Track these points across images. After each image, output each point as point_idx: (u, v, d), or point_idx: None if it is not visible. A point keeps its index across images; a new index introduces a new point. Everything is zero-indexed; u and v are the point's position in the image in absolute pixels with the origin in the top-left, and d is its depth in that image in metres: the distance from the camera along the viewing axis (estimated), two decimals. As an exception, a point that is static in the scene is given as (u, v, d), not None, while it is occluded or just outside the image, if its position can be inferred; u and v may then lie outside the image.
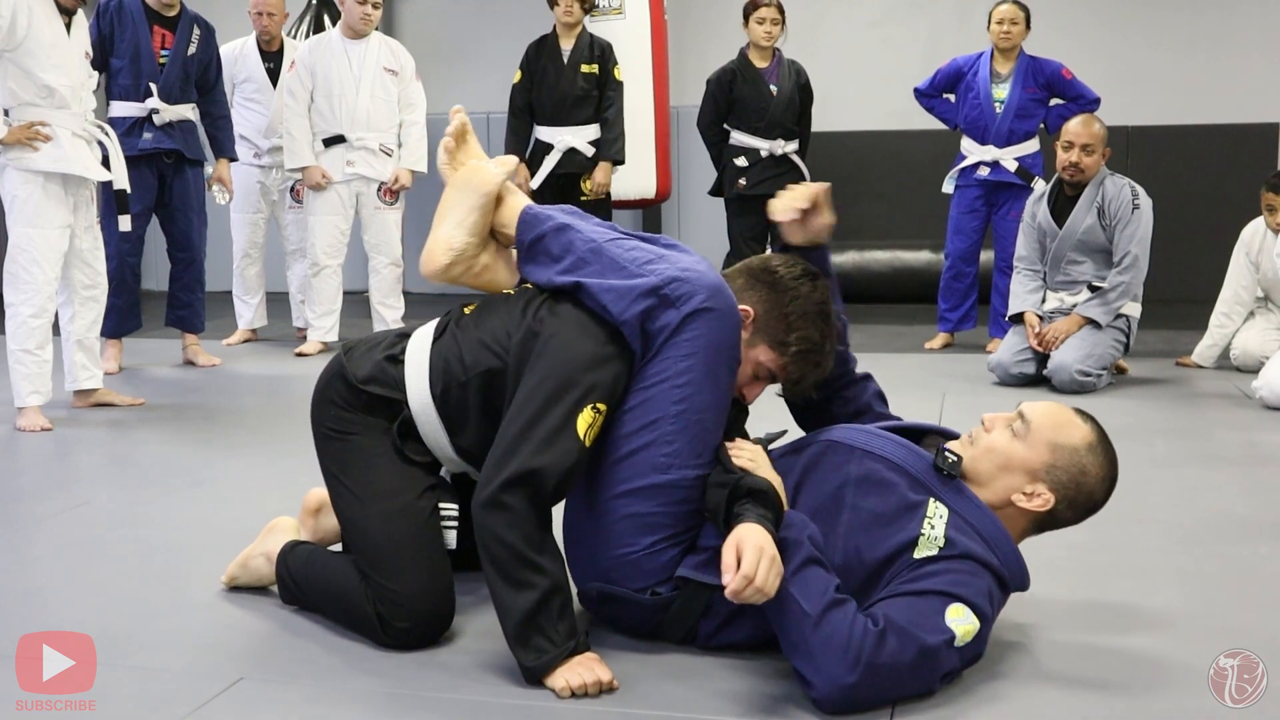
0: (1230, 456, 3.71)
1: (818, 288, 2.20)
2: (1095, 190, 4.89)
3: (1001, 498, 2.07)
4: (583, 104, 6.12)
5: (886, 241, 7.50)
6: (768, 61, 6.04)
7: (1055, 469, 2.06)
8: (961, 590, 1.94)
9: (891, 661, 1.86)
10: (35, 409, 4.18)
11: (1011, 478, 2.07)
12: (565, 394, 2.05)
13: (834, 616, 1.88)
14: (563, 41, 6.13)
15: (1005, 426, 2.11)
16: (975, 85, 5.71)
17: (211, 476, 3.55)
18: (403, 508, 2.21)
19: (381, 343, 2.35)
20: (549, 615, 2.00)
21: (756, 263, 2.26)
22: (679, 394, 2.07)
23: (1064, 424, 2.08)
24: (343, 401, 2.29)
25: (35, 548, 2.93)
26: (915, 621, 1.90)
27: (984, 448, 2.10)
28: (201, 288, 5.55)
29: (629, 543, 2.10)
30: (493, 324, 2.23)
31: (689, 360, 2.07)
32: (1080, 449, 2.06)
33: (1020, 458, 2.07)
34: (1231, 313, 5.18)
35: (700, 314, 2.07)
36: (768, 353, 2.19)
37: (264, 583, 2.48)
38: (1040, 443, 2.06)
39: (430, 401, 2.22)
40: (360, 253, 6.13)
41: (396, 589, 2.16)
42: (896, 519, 2.02)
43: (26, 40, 4.08)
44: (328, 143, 5.86)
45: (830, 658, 1.86)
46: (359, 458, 2.25)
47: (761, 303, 2.18)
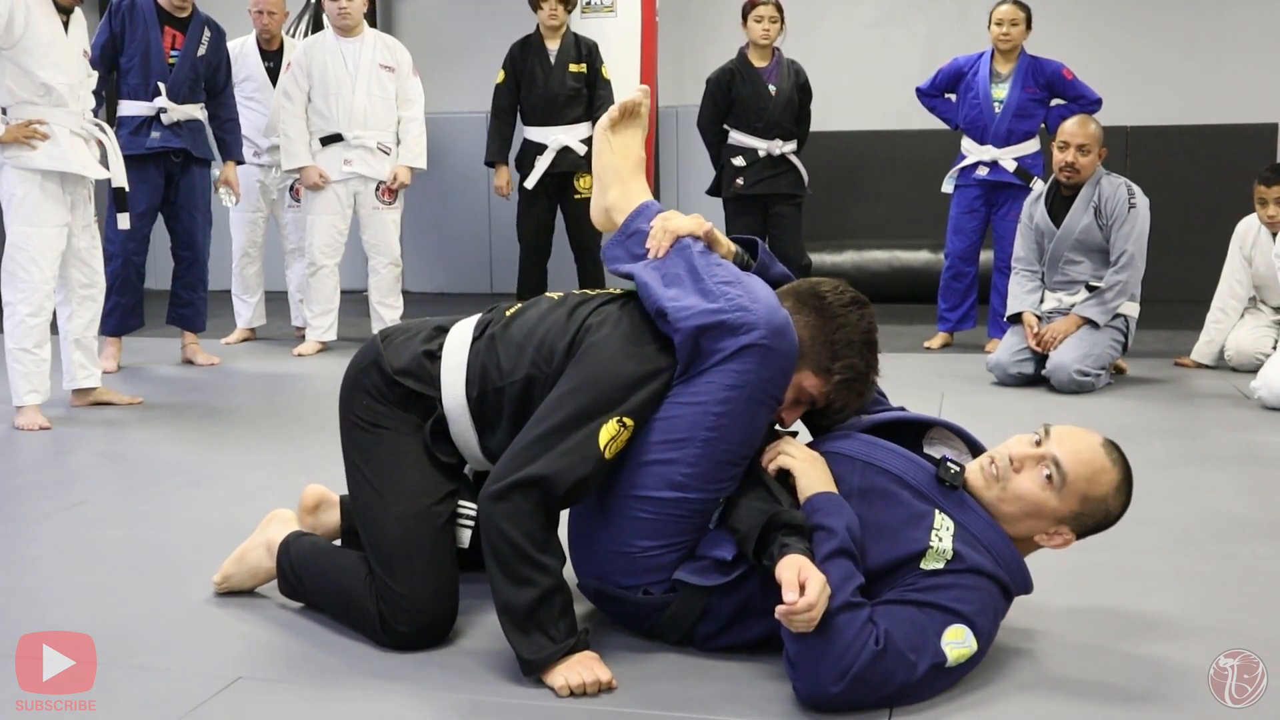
0: (1228, 457, 3.71)
1: (864, 316, 2.18)
2: (1092, 190, 4.89)
3: (1023, 534, 2.07)
4: (573, 103, 6.13)
5: (886, 241, 7.50)
6: (767, 61, 6.04)
7: (1083, 516, 2.05)
8: (965, 608, 1.94)
9: (878, 680, 1.87)
10: (33, 408, 4.18)
11: (1038, 522, 2.06)
12: (594, 406, 2.05)
13: (842, 620, 1.88)
14: (548, 42, 6.14)
15: (1035, 467, 2.04)
16: (975, 85, 5.70)
17: (210, 475, 3.55)
18: (421, 512, 2.20)
19: (420, 333, 2.33)
20: (549, 612, 2.01)
21: (805, 286, 2.23)
22: (713, 421, 2.05)
23: (1097, 473, 2.03)
24: (376, 392, 2.28)
25: (34, 547, 2.93)
26: (913, 643, 1.90)
27: (1013, 494, 2.04)
28: (204, 287, 5.55)
29: (628, 542, 2.11)
30: (537, 331, 2.22)
31: (732, 392, 2.05)
32: (1109, 497, 2.05)
33: (1051, 508, 2.04)
34: (1227, 308, 5.19)
35: (756, 349, 2.04)
36: (811, 379, 2.16)
37: (259, 579, 2.46)
38: (1073, 495, 2.03)
39: (465, 403, 2.22)
40: (359, 252, 6.12)
41: (403, 592, 2.16)
42: (902, 529, 2.02)
43: (24, 38, 4.07)
44: (325, 142, 5.85)
45: (823, 661, 1.86)
46: (385, 453, 2.25)
47: (808, 328, 2.15)
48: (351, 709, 1.98)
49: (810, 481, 2.08)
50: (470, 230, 8.34)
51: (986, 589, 1.99)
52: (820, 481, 2.07)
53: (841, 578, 1.92)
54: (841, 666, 1.85)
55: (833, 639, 1.86)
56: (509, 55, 6.21)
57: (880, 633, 1.89)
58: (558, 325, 2.20)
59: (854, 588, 1.92)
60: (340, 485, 2.38)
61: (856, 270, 7.32)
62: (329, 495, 2.60)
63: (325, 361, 5.51)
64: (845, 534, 1.97)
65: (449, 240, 8.34)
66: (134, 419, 4.37)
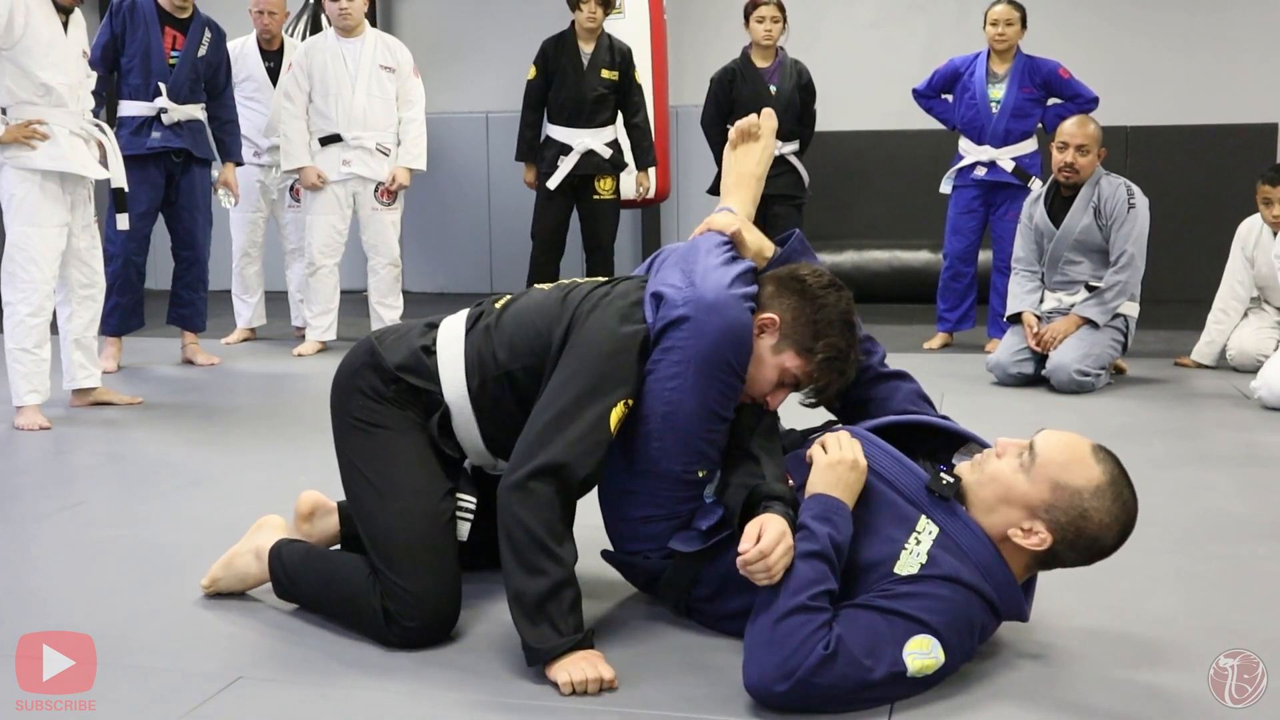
0: (1228, 457, 3.71)
1: (842, 297, 2.22)
2: (1091, 190, 4.89)
3: (999, 530, 2.00)
4: (601, 106, 6.11)
5: (885, 241, 7.50)
6: (769, 61, 6.04)
7: (1054, 509, 1.96)
8: (933, 619, 1.92)
9: (828, 684, 1.86)
10: (33, 408, 4.18)
11: (1010, 511, 1.99)
12: (599, 388, 2.11)
13: (795, 621, 1.88)
14: (583, 43, 6.11)
15: (1015, 455, 2.02)
16: (971, 85, 5.71)
17: (209, 476, 3.55)
18: (424, 509, 2.22)
19: (412, 330, 2.37)
20: (559, 605, 2.02)
21: (784, 272, 2.27)
22: (668, 395, 2.13)
23: (1072, 462, 1.97)
24: (373, 392, 2.30)
25: (34, 547, 2.93)
26: (871, 649, 1.88)
27: (988, 475, 2.03)
28: (204, 287, 5.55)
29: (625, 514, 2.25)
30: (532, 319, 2.26)
31: (677, 367, 2.12)
32: (1084, 491, 1.95)
33: (1020, 492, 1.98)
34: (1228, 309, 5.19)
35: (682, 321, 2.12)
36: (794, 359, 2.20)
37: (246, 585, 2.46)
38: (1042, 479, 1.97)
39: (466, 394, 2.26)
40: (359, 252, 6.12)
41: (409, 588, 2.16)
42: (882, 530, 2.02)
43: (24, 38, 4.07)
44: (324, 142, 5.85)
45: (770, 658, 1.88)
46: (385, 452, 2.26)
47: (789, 310, 2.20)
48: (351, 709, 1.97)
49: (817, 481, 2.06)
50: (470, 230, 8.34)
51: (962, 601, 1.95)
52: (827, 485, 2.04)
53: (809, 580, 1.92)
54: (788, 667, 1.86)
55: (782, 638, 1.87)
56: (541, 52, 6.17)
57: (832, 638, 1.87)
58: (552, 312, 2.25)
59: (817, 592, 1.91)
60: (339, 488, 2.38)
61: (856, 270, 7.33)
62: (325, 501, 2.59)
63: (325, 361, 5.51)
64: (827, 541, 1.96)
65: (449, 240, 8.34)
66: (134, 419, 4.37)
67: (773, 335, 2.20)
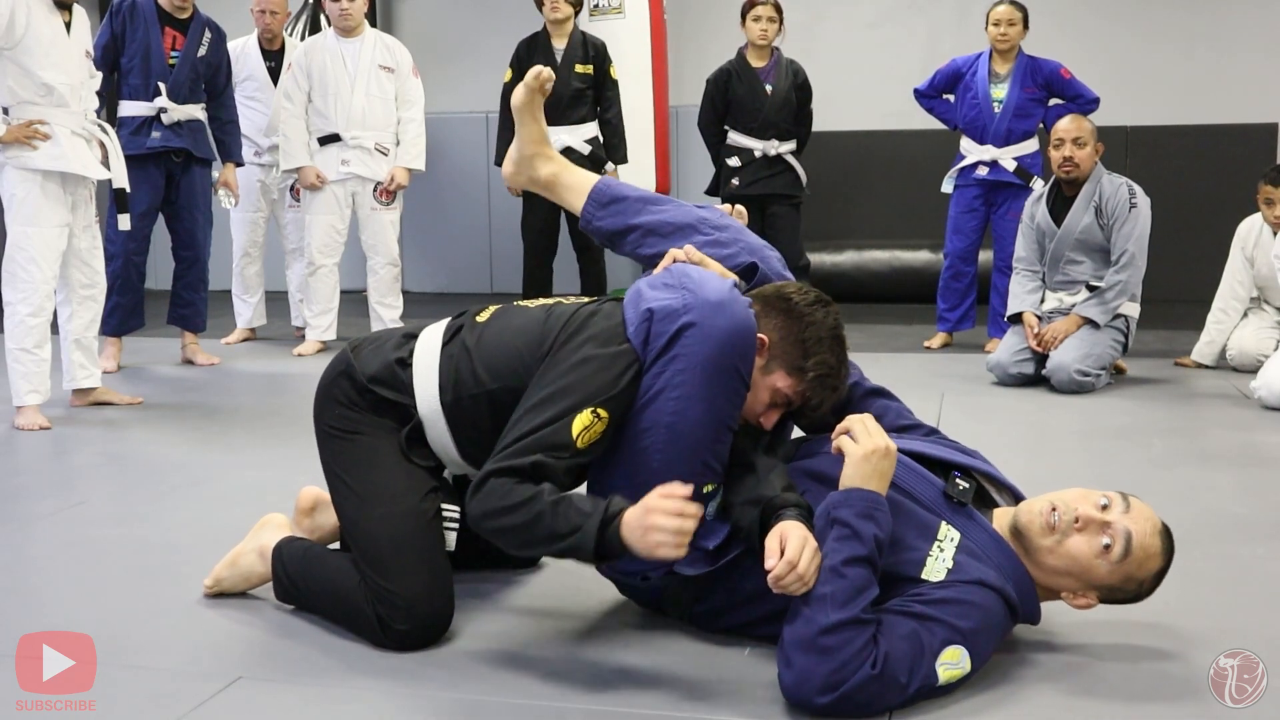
0: (1228, 457, 3.71)
1: (830, 313, 2.20)
2: (1093, 189, 4.90)
3: (1050, 586, 2.08)
4: (577, 103, 6.10)
5: (885, 241, 7.50)
6: (765, 61, 6.04)
7: (1116, 590, 2.06)
8: (965, 624, 1.94)
9: (866, 699, 1.87)
10: (33, 408, 4.18)
11: (1072, 582, 2.06)
12: (565, 399, 2.06)
13: (847, 634, 1.87)
14: (555, 40, 6.11)
15: (1098, 533, 2.02)
16: (974, 85, 5.71)
17: (209, 475, 3.55)
18: (406, 510, 2.21)
19: (388, 341, 2.35)
20: (563, 512, 1.97)
21: (770, 290, 2.24)
22: (673, 406, 2.06)
23: (1149, 558, 2.04)
24: (348, 401, 2.30)
25: (33, 547, 2.93)
26: (910, 665, 1.89)
27: (1066, 550, 2.02)
28: (205, 287, 5.56)
29: None
30: (514, 340, 2.22)
31: (683, 375, 2.05)
32: (1146, 580, 2.06)
33: (1096, 576, 2.03)
34: (1228, 309, 5.19)
35: (690, 328, 2.06)
36: (785, 379, 2.17)
37: (251, 584, 2.46)
38: (1122, 572, 2.03)
39: (440, 409, 2.23)
40: (359, 252, 6.12)
41: (397, 591, 2.16)
42: (905, 540, 2.02)
43: (25, 38, 4.07)
44: (323, 141, 5.85)
45: (817, 668, 1.86)
46: (364, 457, 2.26)
47: (777, 330, 2.17)
48: (351, 709, 1.98)
49: (853, 474, 2.01)
50: (470, 230, 8.34)
51: (989, 605, 1.97)
52: (864, 477, 2.00)
53: (857, 588, 1.90)
54: (834, 680, 1.85)
55: (831, 651, 1.86)
56: (515, 54, 6.16)
57: (879, 655, 1.87)
58: (534, 335, 2.21)
59: (866, 603, 1.90)
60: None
61: (856, 270, 7.33)
62: (325, 497, 2.59)
63: (325, 361, 5.43)
64: (872, 542, 1.93)
65: (449, 240, 8.34)
66: (134, 419, 4.37)
67: (762, 356, 2.16)
